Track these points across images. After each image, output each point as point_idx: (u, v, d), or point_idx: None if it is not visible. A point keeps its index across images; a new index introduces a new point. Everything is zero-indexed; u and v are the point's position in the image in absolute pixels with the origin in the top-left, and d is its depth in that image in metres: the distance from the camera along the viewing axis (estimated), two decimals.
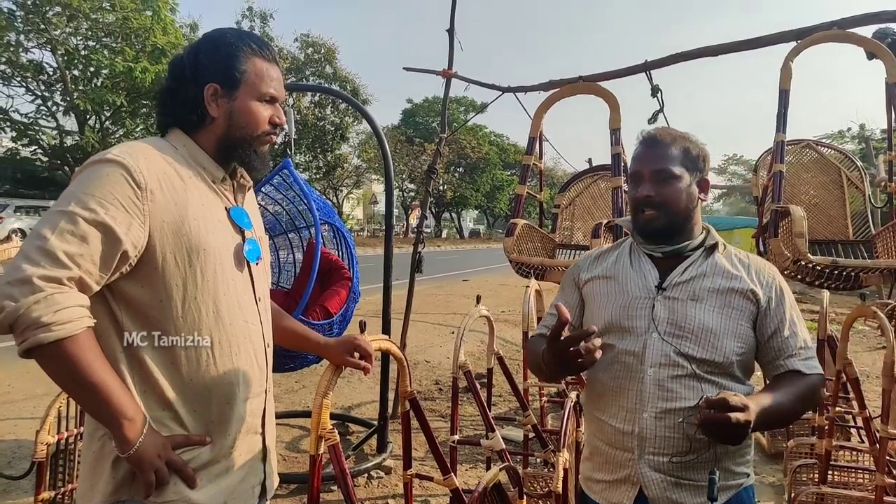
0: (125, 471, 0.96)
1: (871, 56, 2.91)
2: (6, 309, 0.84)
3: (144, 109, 15.21)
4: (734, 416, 0.97)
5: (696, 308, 1.17)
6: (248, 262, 1.11)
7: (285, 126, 1.17)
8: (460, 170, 36.46)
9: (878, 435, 1.99)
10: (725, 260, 1.22)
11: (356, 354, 1.27)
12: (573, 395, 2.23)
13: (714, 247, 1.24)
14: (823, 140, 3.31)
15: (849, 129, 23.07)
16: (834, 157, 2.90)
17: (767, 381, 1.20)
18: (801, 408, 1.19)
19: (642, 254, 1.27)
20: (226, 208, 1.10)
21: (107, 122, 14.97)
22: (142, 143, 1.03)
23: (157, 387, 0.99)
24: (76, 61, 13.13)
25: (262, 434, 1.14)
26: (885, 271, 2.38)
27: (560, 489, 1.84)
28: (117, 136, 15.49)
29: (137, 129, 15.95)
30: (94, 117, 14.50)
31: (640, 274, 1.24)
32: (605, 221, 2.76)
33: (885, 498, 2.02)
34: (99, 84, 13.64)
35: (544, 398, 3.11)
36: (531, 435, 2.36)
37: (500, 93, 4.00)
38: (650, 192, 1.19)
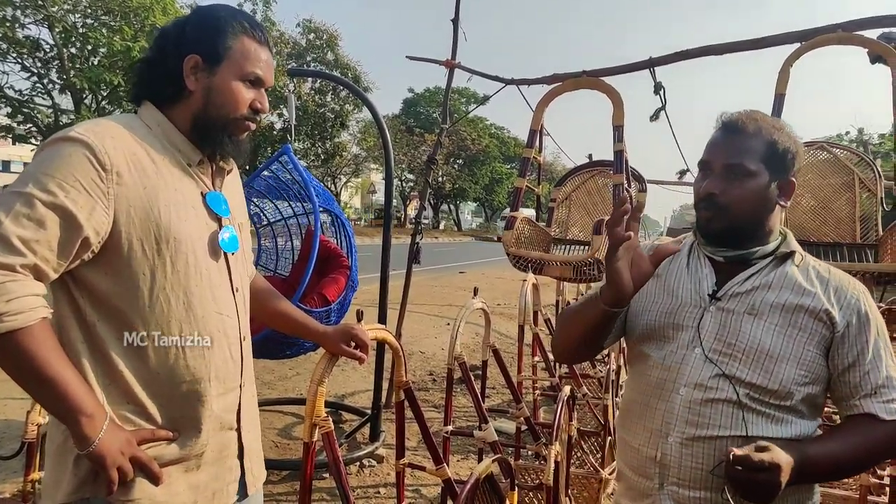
0: (88, 467, 0.91)
1: (874, 60, 2.90)
2: None
3: None
4: (759, 477, 0.86)
5: (754, 324, 1.00)
6: (224, 252, 1.05)
7: (284, 114, 1.14)
8: (460, 161, 36.31)
9: None
10: (800, 272, 1.03)
11: (352, 344, 1.27)
12: (566, 388, 2.24)
13: (788, 256, 1.05)
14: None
15: (847, 133, 23.15)
16: (848, 159, 2.88)
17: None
18: (870, 460, 1.02)
19: (703, 255, 1.10)
20: (202, 193, 1.04)
21: (103, 102, 14.78)
22: (110, 121, 0.97)
23: (121, 380, 0.94)
24: (73, 39, 12.90)
25: (238, 430, 1.09)
26: (866, 274, 2.38)
27: (551, 482, 1.85)
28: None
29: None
30: (90, 96, 14.30)
31: (694, 278, 1.08)
32: (607, 218, 2.75)
33: (868, 497, 2.05)
34: (96, 63, 13.43)
35: (537, 391, 3.12)
36: (524, 427, 2.37)
37: (503, 85, 3.97)
38: (714, 190, 1.02)
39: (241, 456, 1.10)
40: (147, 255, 0.94)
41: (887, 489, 2.03)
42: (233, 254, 1.08)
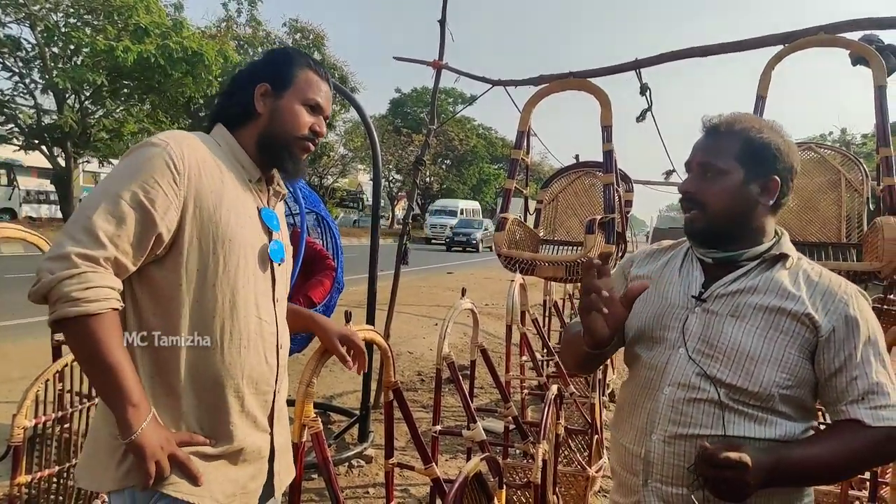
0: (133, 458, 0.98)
1: (855, 62, 2.95)
2: (42, 280, 0.90)
3: (125, 90, 14.86)
4: (727, 474, 0.88)
5: (735, 326, 1.01)
6: (271, 263, 1.13)
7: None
8: (447, 162, 36.32)
9: None
10: (788, 276, 1.03)
11: (345, 348, 1.28)
12: (554, 387, 2.26)
13: (779, 258, 1.06)
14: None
15: (830, 133, 23.61)
16: (834, 159, 2.91)
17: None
18: (854, 466, 1.02)
19: (695, 258, 1.12)
20: (258, 208, 1.14)
21: (86, 102, 14.58)
22: (186, 132, 1.09)
23: (164, 372, 1.02)
24: (56, 38, 12.73)
25: (271, 434, 1.15)
26: (840, 273, 2.41)
27: (539, 480, 1.87)
28: (97, 116, 15.10)
29: (118, 110, 15.55)
30: (73, 96, 14.10)
31: (685, 280, 1.10)
32: (598, 217, 2.77)
33: (850, 491, 2.10)
34: (79, 62, 13.24)
35: (525, 390, 3.14)
36: (512, 426, 2.39)
37: (490, 86, 3.98)
38: (689, 188, 1.06)
39: (271, 458, 1.15)
40: (203, 253, 1.03)
41: (867, 483, 2.08)
42: (279, 265, 1.16)
